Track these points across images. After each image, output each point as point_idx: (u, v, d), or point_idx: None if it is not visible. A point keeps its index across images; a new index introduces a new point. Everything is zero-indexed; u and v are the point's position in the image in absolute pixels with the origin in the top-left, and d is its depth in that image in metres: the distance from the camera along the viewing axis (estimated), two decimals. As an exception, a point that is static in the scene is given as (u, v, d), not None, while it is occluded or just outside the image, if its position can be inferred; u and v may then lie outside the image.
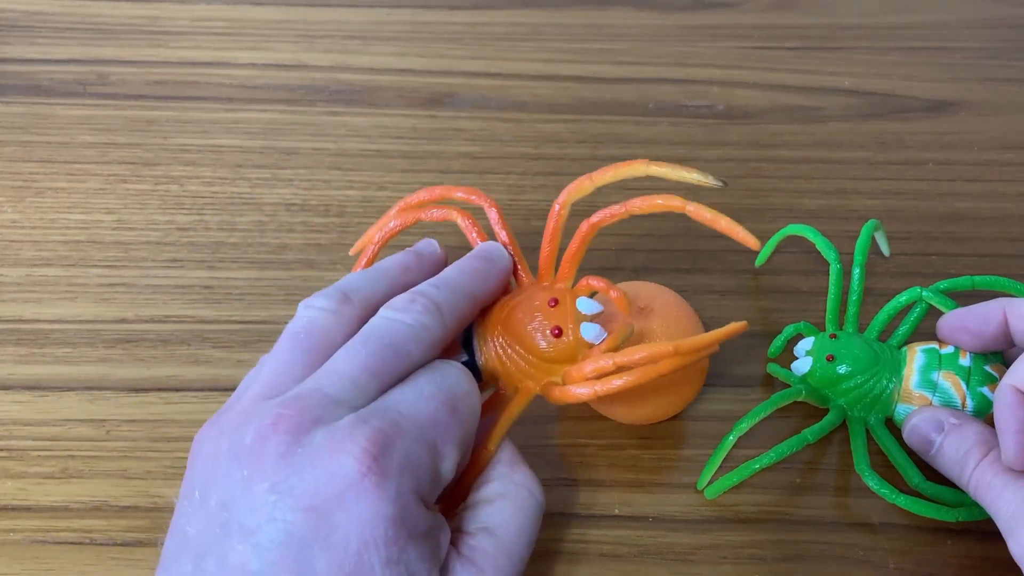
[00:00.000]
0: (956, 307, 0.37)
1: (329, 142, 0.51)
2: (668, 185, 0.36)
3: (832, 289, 0.40)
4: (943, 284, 0.39)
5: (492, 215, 0.37)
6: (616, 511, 0.36)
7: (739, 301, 0.44)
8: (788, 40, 0.58)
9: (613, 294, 0.34)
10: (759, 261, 0.44)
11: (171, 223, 0.46)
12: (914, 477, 0.35)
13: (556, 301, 0.34)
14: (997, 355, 0.37)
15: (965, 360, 0.36)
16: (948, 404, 0.36)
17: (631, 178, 0.36)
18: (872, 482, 0.35)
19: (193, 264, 0.45)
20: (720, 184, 0.34)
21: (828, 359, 0.38)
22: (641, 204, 0.35)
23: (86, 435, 0.39)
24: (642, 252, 0.46)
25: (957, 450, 0.34)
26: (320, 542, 0.26)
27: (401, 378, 0.30)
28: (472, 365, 0.34)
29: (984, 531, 0.34)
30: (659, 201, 0.35)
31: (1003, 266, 0.45)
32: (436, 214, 0.38)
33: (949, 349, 0.36)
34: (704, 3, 0.61)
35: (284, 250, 0.45)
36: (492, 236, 0.37)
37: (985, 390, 0.35)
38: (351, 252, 0.42)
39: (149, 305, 0.43)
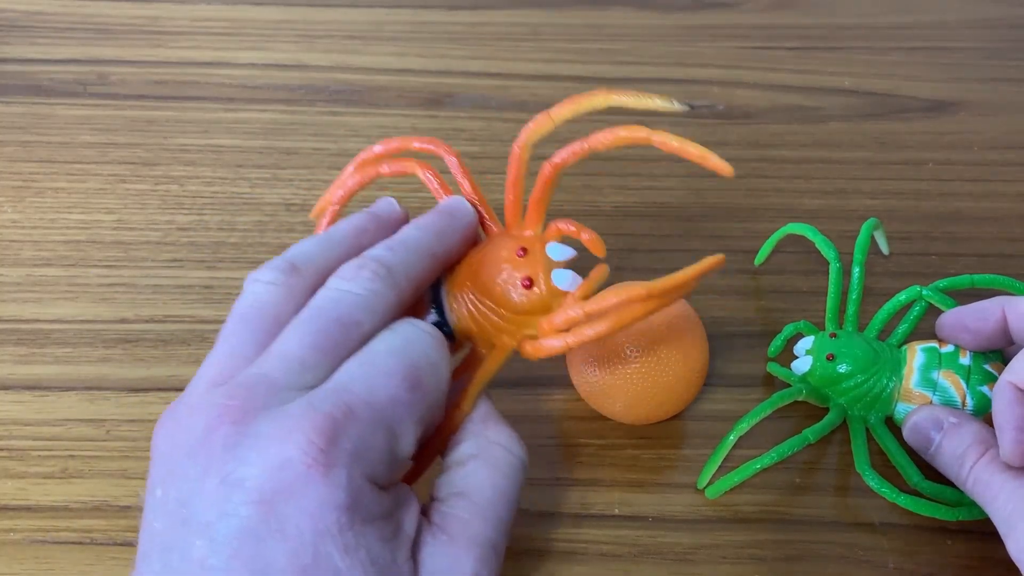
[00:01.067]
0: (956, 306, 0.37)
1: (329, 142, 0.51)
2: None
3: (832, 288, 0.40)
4: (942, 283, 0.39)
5: (452, 164, 0.35)
6: (616, 511, 0.36)
7: (739, 301, 0.44)
8: (788, 40, 0.58)
9: (585, 236, 0.32)
10: (758, 260, 0.44)
11: (171, 223, 0.46)
12: (914, 476, 0.35)
13: (525, 250, 0.32)
14: (996, 353, 0.37)
15: (965, 359, 0.36)
16: (948, 403, 0.36)
17: (592, 111, 0.33)
18: (873, 482, 0.35)
19: (193, 264, 0.45)
20: (685, 107, 0.31)
21: (828, 358, 0.38)
22: (603, 138, 0.32)
23: (86, 435, 0.38)
24: (642, 252, 0.46)
25: (955, 449, 0.34)
26: (274, 535, 0.25)
27: (355, 350, 0.28)
28: (444, 325, 0.32)
29: (984, 531, 0.34)
30: (622, 133, 0.32)
31: (1003, 266, 0.45)
32: (394, 167, 0.35)
33: (949, 348, 0.36)
34: (704, 3, 0.61)
35: (284, 250, 0.45)
36: (458, 190, 0.35)
37: (985, 389, 0.35)
38: (311, 216, 0.39)
39: (149, 305, 0.43)
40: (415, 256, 0.31)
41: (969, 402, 0.35)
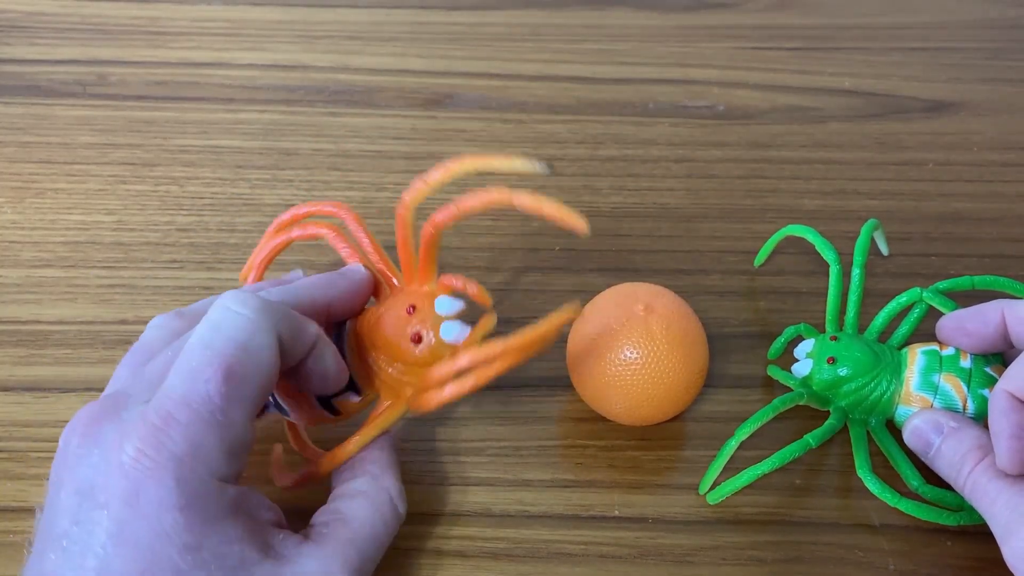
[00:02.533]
0: (956, 308, 0.37)
1: (329, 143, 0.51)
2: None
3: (832, 290, 0.40)
4: (943, 284, 0.39)
5: (352, 226, 0.37)
6: (616, 512, 0.36)
7: (739, 302, 0.44)
8: (788, 40, 0.58)
9: (471, 290, 0.34)
10: (758, 261, 0.44)
11: (171, 224, 0.46)
12: (914, 480, 0.35)
13: (414, 307, 0.34)
14: (997, 356, 0.37)
15: (966, 362, 0.36)
16: (949, 406, 0.36)
17: (463, 175, 0.33)
18: (874, 486, 0.35)
19: (193, 265, 0.45)
20: (546, 170, 0.32)
21: (829, 361, 0.37)
22: (473, 203, 0.33)
23: (86, 436, 0.38)
24: (642, 252, 0.46)
25: (954, 453, 0.34)
26: (113, 539, 0.26)
27: None
28: (352, 381, 0.34)
29: (983, 533, 0.33)
30: (487, 198, 0.33)
31: (1003, 267, 0.45)
32: (307, 231, 0.37)
33: (950, 351, 0.36)
34: (704, 3, 0.61)
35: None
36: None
37: (986, 392, 0.35)
38: (239, 278, 0.41)
39: (149, 306, 0.43)
40: (291, 296, 0.32)
41: (970, 406, 0.35)
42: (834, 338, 0.38)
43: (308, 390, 0.33)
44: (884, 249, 0.45)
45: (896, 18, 0.60)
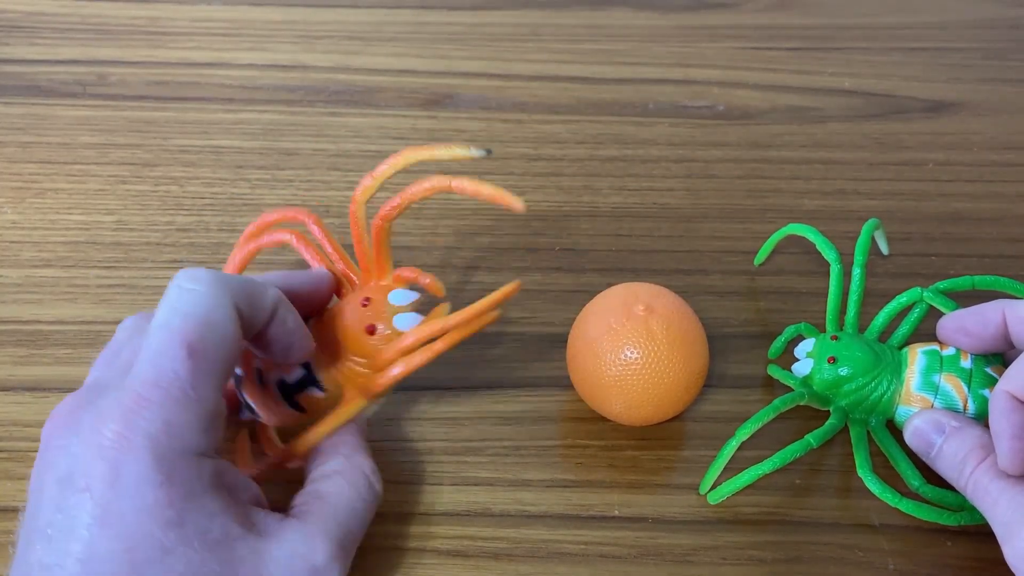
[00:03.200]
0: (956, 308, 0.37)
1: (329, 143, 0.51)
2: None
3: (832, 290, 0.40)
4: (943, 284, 0.39)
5: (314, 231, 0.38)
6: (616, 512, 0.36)
7: (739, 302, 0.44)
8: (788, 40, 0.58)
9: (425, 281, 0.35)
10: (758, 260, 0.44)
11: (171, 224, 0.46)
12: (914, 480, 0.35)
13: (368, 300, 0.35)
14: (998, 357, 0.37)
15: (966, 362, 0.36)
16: (950, 406, 0.36)
17: (408, 167, 0.35)
18: (874, 486, 0.35)
19: (193, 265, 0.44)
20: (484, 153, 0.33)
21: (830, 361, 0.37)
22: (415, 191, 0.34)
23: (86, 436, 0.38)
24: (642, 252, 0.46)
25: (956, 453, 0.34)
26: (97, 521, 0.26)
27: None
28: (313, 379, 0.34)
29: (984, 532, 0.34)
30: (427, 186, 0.34)
31: (1003, 267, 0.45)
32: (274, 238, 0.38)
33: (950, 351, 0.36)
34: (704, 3, 0.61)
35: (284, 251, 0.45)
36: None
37: (986, 392, 0.35)
38: None
39: (149, 306, 0.42)
40: (252, 283, 0.32)
41: (971, 406, 0.35)
42: (835, 337, 0.38)
43: (274, 358, 0.33)
44: (884, 249, 0.45)
45: (896, 18, 0.60)
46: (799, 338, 0.40)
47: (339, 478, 0.32)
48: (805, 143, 0.51)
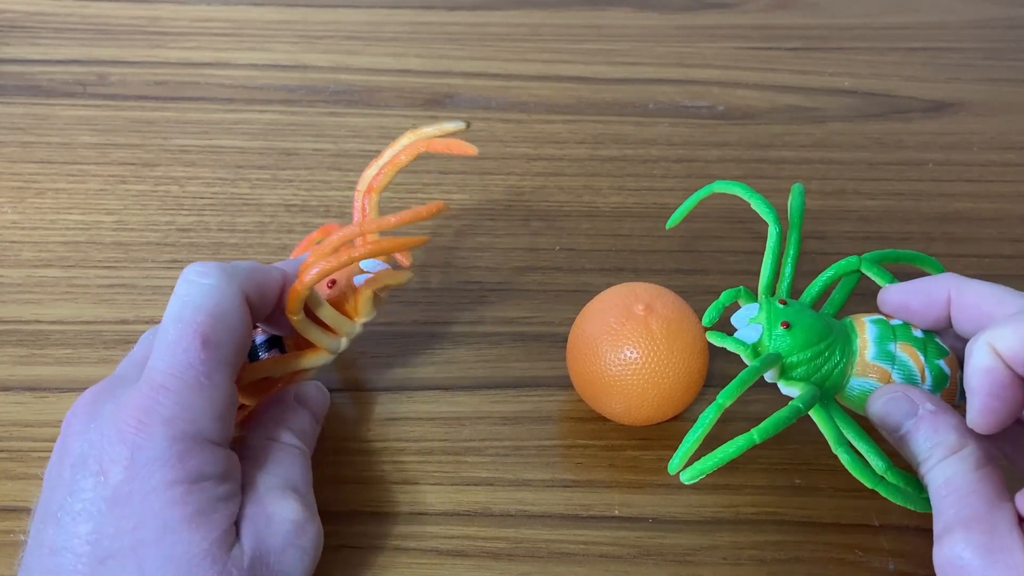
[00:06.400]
0: (893, 280, 0.36)
1: (329, 143, 0.51)
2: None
3: (769, 253, 0.37)
4: (875, 255, 0.37)
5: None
6: (616, 512, 0.36)
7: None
8: (788, 40, 0.58)
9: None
10: (671, 223, 0.41)
11: (171, 224, 0.46)
12: (880, 462, 0.32)
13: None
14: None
15: (918, 332, 0.34)
16: (909, 378, 0.33)
17: (414, 156, 0.38)
18: (852, 464, 0.32)
19: (193, 265, 0.45)
20: (461, 125, 0.37)
21: (784, 326, 0.34)
22: (399, 158, 0.38)
23: (86, 436, 0.38)
24: (642, 252, 0.46)
25: (927, 439, 0.31)
26: (107, 502, 0.28)
27: None
28: (279, 340, 0.37)
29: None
30: (405, 148, 0.38)
31: (1002, 267, 0.45)
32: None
33: (898, 321, 0.35)
34: (704, 3, 0.61)
35: (284, 251, 0.45)
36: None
37: (941, 363, 0.34)
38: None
39: (149, 306, 0.43)
40: (259, 271, 0.33)
41: (928, 377, 0.33)
42: (784, 302, 0.35)
43: (283, 332, 0.36)
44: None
45: (896, 18, 0.60)
46: (734, 306, 0.37)
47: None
48: (805, 143, 0.51)
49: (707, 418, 0.32)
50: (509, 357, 0.41)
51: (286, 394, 0.35)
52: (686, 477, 0.32)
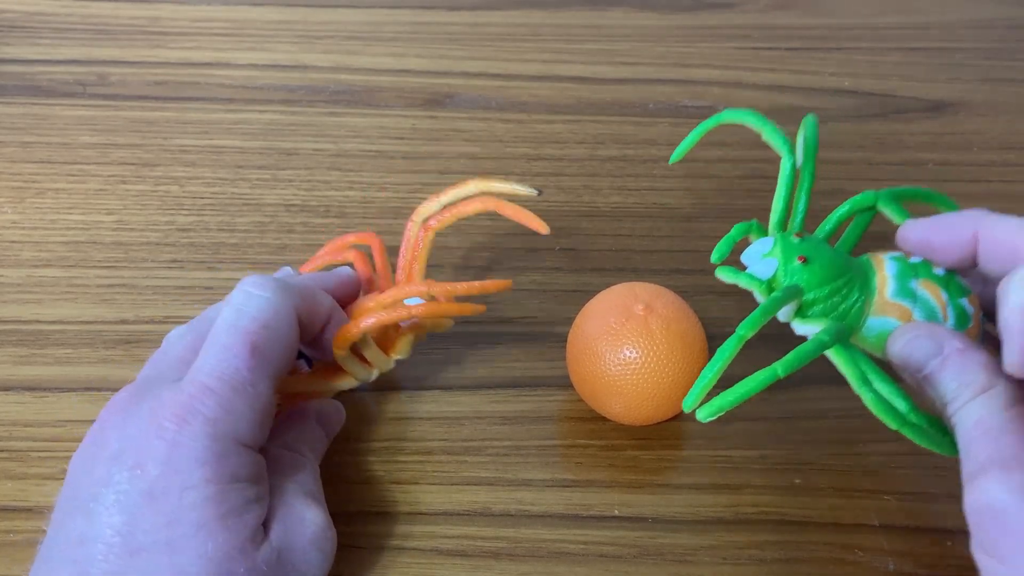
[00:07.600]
0: (910, 217, 0.34)
1: (329, 143, 0.51)
2: None
3: (781, 187, 0.35)
4: (892, 191, 0.36)
5: (374, 250, 0.40)
6: (616, 512, 0.36)
7: (739, 301, 0.44)
8: (788, 40, 0.58)
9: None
10: (674, 158, 0.39)
11: (171, 224, 0.46)
12: (903, 404, 0.31)
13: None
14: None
15: (939, 270, 0.32)
16: (930, 316, 0.32)
17: (469, 196, 0.38)
18: (875, 405, 0.30)
19: (193, 265, 0.45)
20: (534, 192, 0.38)
21: (800, 260, 0.32)
22: (465, 209, 0.38)
23: (86, 436, 0.38)
24: (642, 252, 0.46)
25: (954, 378, 0.29)
26: (143, 495, 0.28)
27: None
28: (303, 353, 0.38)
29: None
30: (479, 205, 0.38)
31: (1003, 266, 0.45)
32: (343, 255, 0.41)
33: (917, 258, 0.33)
34: (704, 3, 0.61)
35: (284, 251, 0.45)
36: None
37: (964, 302, 0.32)
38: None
39: (149, 306, 0.43)
40: (311, 293, 0.35)
41: (951, 316, 0.32)
42: (799, 235, 0.33)
43: (324, 356, 0.36)
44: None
45: (896, 18, 0.60)
46: (744, 241, 0.34)
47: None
48: (805, 143, 0.51)
49: (726, 351, 0.30)
50: (509, 357, 0.41)
51: (307, 408, 0.36)
52: (703, 414, 0.30)
